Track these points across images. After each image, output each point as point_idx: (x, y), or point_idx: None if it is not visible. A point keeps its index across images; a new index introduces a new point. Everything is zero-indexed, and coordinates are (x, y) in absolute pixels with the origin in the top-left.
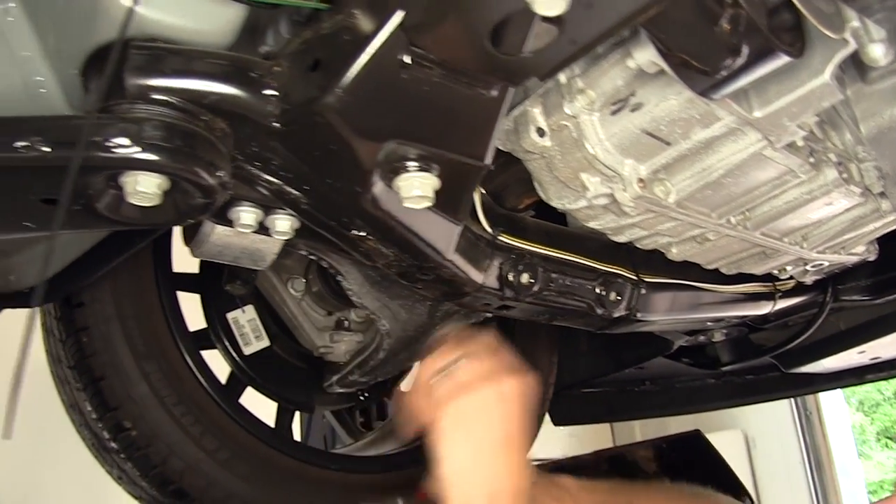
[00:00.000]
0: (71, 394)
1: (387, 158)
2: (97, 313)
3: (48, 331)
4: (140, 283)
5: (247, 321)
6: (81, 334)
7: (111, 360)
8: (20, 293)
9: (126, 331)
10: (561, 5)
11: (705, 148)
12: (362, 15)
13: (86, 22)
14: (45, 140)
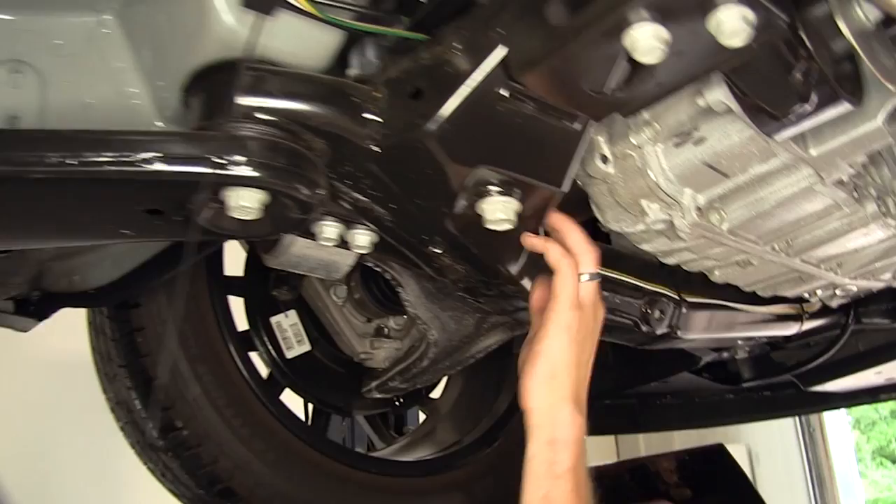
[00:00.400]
0: (119, 391)
1: (474, 182)
2: (153, 315)
3: (97, 328)
4: (194, 285)
5: (289, 325)
6: (136, 334)
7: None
8: (82, 293)
9: (180, 333)
10: (658, 55)
11: (760, 181)
12: (464, 49)
13: (190, 41)
14: (165, 156)
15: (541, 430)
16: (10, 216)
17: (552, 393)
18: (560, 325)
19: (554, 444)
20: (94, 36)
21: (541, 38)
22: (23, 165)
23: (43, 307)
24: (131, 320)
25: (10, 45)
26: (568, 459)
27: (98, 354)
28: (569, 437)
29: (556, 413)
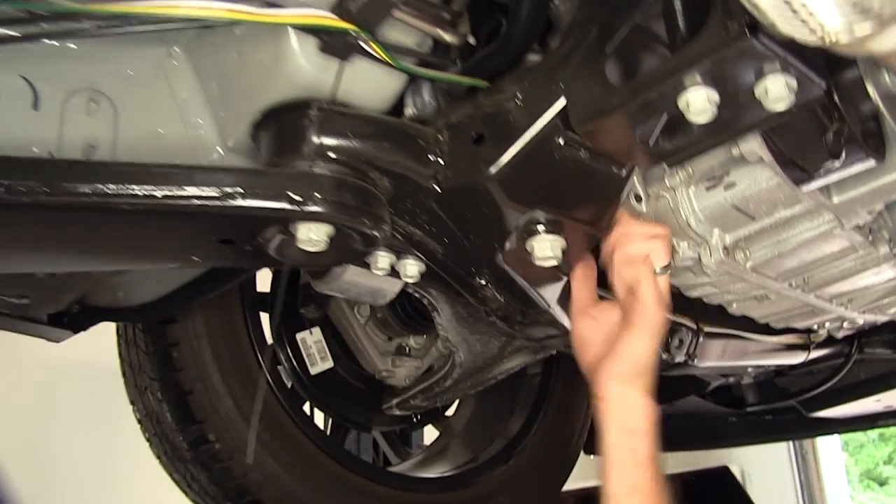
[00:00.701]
0: (150, 403)
1: (525, 222)
2: (189, 330)
3: (128, 340)
4: (228, 302)
5: (314, 342)
6: (172, 349)
7: (200, 376)
8: (126, 309)
9: (215, 348)
10: (709, 116)
11: (784, 224)
12: (526, 100)
13: (264, 80)
14: (246, 192)
15: (618, 419)
16: (94, 242)
17: (632, 388)
18: (646, 328)
19: (633, 433)
20: (163, 67)
21: (599, 93)
22: (112, 197)
23: (81, 320)
24: (167, 335)
25: (86, 74)
26: (648, 448)
27: (128, 366)
28: (646, 426)
29: (633, 403)
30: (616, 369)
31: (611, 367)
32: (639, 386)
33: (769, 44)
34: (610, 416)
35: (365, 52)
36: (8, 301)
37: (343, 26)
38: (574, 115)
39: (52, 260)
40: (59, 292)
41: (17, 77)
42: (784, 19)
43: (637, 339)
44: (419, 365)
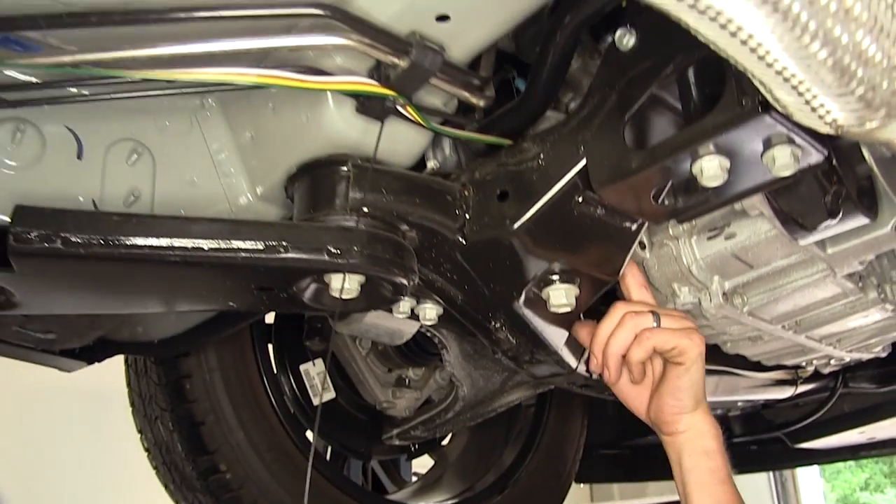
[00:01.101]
0: (160, 433)
1: (542, 272)
2: (201, 363)
3: (138, 371)
4: (239, 335)
5: (316, 374)
6: (184, 381)
7: (212, 408)
8: (144, 343)
9: (227, 380)
10: (720, 181)
11: (780, 272)
12: (548, 159)
13: (300, 135)
14: (289, 246)
15: (693, 443)
16: (140, 288)
17: (698, 413)
18: (692, 359)
19: (708, 453)
20: (197, 118)
21: (619, 157)
22: (162, 250)
23: (97, 352)
24: (180, 367)
25: (126, 126)
26: (724, 466)
27: (137, 396)
28: (717, 445)
29: (703, 427)
30: (680, 404)
31: (674, 403)
32: (702, 409)
33: (779, 119)
34: (686, 445)
35: (400, 114)
36: (34, 336)
37: (384, 92)
38: (594, 177)
39: (99, 303)
40: (88, 330)
41: (63, 128)
42: (802, 113)
43: (687, 370)
44: (418, 396)
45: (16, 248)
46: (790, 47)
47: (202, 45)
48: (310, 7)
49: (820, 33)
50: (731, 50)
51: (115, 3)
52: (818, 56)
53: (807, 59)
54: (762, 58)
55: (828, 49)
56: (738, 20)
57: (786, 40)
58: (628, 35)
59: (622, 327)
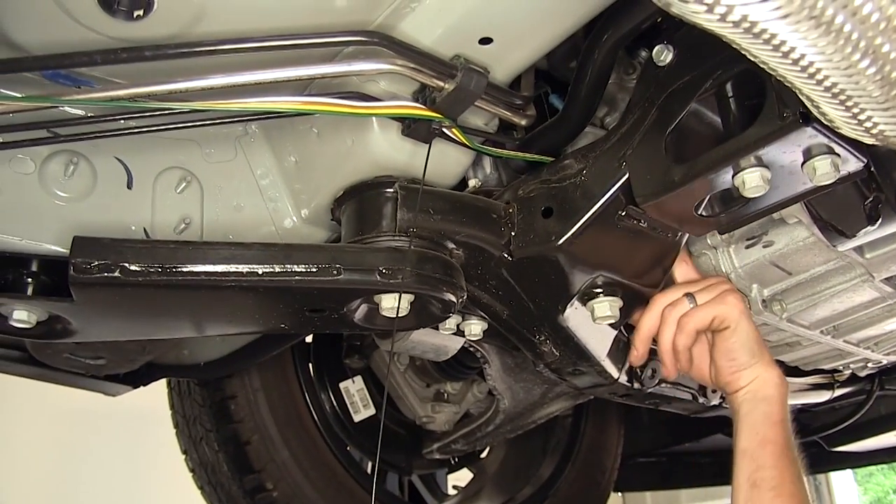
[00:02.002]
0: (205, 453)
1: (587, 285)
2: (245, 384)
3: (181, 393)
4: (280, 355)
5: (356, 391)
6: (229, 402)
7: (257, 427)
8: (190, 366)
9: (270, 400)
10: (762, 192)
11: (818, 278)
12: (592, 175)
13: (346, 159)
14: (342, 268)
15: (754, 393)
16: (195, 313)
17: (757, 366)
18: (736, 320)
19: (767, 399)
20: (241, 144)
21: (661, 172)
22: (217, 276)
23: (142, 375)
24: (224, 388)
25: (172, 154)
26: (781, 412)
27: (181, 417)
28: (778, 394)
29: (764, 376)
30: (736, 363)
31: (730, 364)
32: (764, 361)
33: (821, 130)
34: (748, 396)
35: (446, 136)
36: (84, 362)
37: (430, 115)
38: (637, 191)
39: (154, 329)
40: (138, 355)
41: (113, 159)
42: (849, 126)
43: (734, 332)
44: (457, 410)
45: (76, 278)
46: (840, 65)
47: (252, 75)
48: (356, 35)
49: (868, 50)
50: (780, 69)
51: (166, 36)
52: (867, 72)
53: (855, 75)
54: (812, 75)
55: (876, 65)
56: (789, 40)
57: (835, 58)
58: (666, 51)
59: (665, 323)
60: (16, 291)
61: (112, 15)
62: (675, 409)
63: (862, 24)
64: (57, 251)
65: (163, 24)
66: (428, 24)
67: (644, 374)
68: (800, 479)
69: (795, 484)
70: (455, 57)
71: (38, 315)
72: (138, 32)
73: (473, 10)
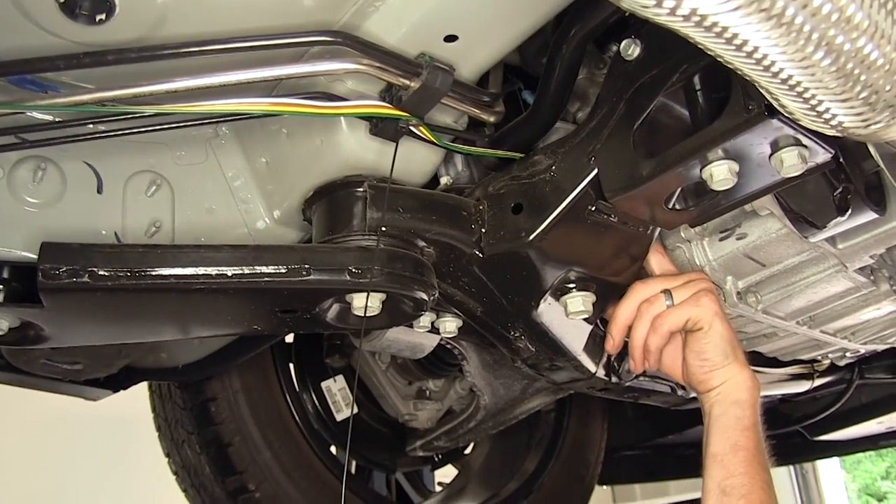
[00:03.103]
0: (187, 456)
1: (559, 281)
2: (226, 385)
3: (163, 396)
4: (260, 356)
5: (338, 390)
6: (210, 404)
7: (238, 428)
8: (168, 369)
9: (251, 401)
10: (730, 184)
11: (792, 270)
12: (561, 171)
13: (316, 159)
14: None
15: (726, 394)
16: (165, 318)
17: (730, 367)
18: (708, 321)
19: (738, 403)
20: (212, 146)
21: (630, 166)
22: (187, 279)
23: (122, 380)
24: (204, 390)
25: (142, 157)
26: (752, 416)
27: (163, 420)
28: (750, 397)
29: (737, 378)
30: (708, 363)
31: (702, 364)
32: (738, 362)
33: (786, 122)
34: (719, 397)
35: (414, 134)
36: (61, 367)
37: (397, 114)
38: (606, 186)
39: (126, 333)
40: (115, 359)
41: (82, 164)
42: (808, 118)
43: (706, 334)
44: (440, 407)
45: (45, 284)
46: (794, 57)
47: (218, 77)
48: (320, 35)
49: (822, 42)
50: (736, 62)
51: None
52: (821, 63)
53: (811, 67)
54: (767, 68)
55: (831, 57)
56: (741, 33)
57: (789, 51)
58: (633, 45)
59: (640, 318)
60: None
61: (74, 19)
62: (654, 402)
63: (814, 17)
64: (27, 257)
65: (126, 28)
66: (392, 23)
67: (622, 368)
68: (769, 486)
69: (765, 490)
70: (420, 55)
71: (9, 322)
72: (101, 37)
73: (437, 7)
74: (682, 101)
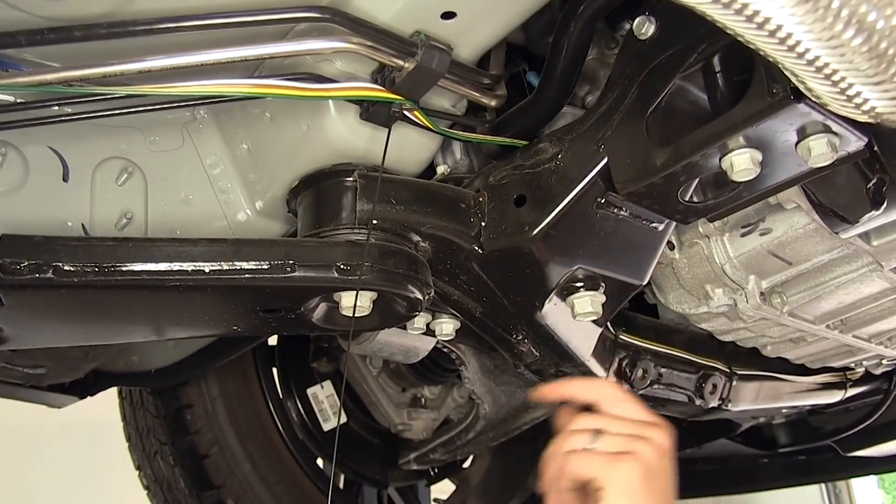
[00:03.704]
0: (160, 468)
1: (566, 279)
2: (202, 391)
3: (134, 403)
4: (241, 360)
5: (325, 397)
6: (185, 411)
7: (216, 439)
8: (140, 374)
9: (230, 409)
10: (752, 174)
11: (821, 268)
12: (567, 160)
13: (301, 146)
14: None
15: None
16: (137, 317)
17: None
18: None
19: None
20: (188, 130)
21: (643, 155)
22: (161, 275)
23: (89, 385)
24: (180, 397)
25: (113, 143)
26: None
27: (134, 430)
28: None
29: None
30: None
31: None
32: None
33: (814, 107)
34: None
35: (408, 119)
36: (22, 371)
37: (389, 97)
38: (617, 177)
39: (94, 334)
40: (81, 362)
41: (46, 149)
42: (837, 102)
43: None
44: (436, 417)
45: (4, 279)
46: (822, 36)
47: (195, 56)
48: (306, 11)
49: (853, 20)
50: (758, 42)
51: (99, 15)
52: (852, 43)
53: (840, 47)
54: (792, 48)
55: (862, 35)
56: (764, 10)
57: (816, 29)
58: (647, 23)
59: (558, 447)
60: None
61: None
62: (670, 412)
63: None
64: None
65: (94, 2)
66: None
67: (634, 375)
68: None
69: None
70: (415, 34)
71: None
72: (67, 10)
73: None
74: (700, 85)
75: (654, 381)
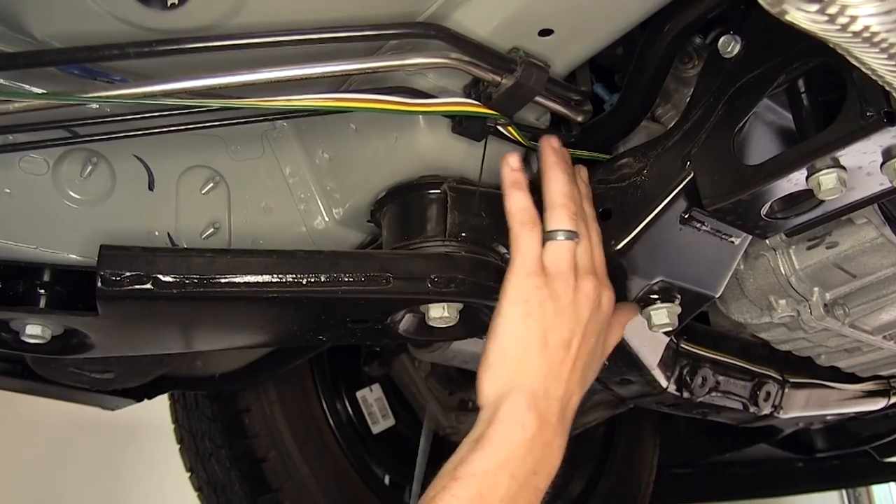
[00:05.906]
0: (214, 471)
1: (645, 291)
2: (261, 396)
3: (188, 406)
4: (298, 365)
5: (374, 400)
6: (243, 415)
7: (274, 443)
8: (204, 378)
9: (287, 413)
10: (838, 192)
11: (885, 281)
12: (652, 175)
13: (389, 158)
14: (392, 277)
15: (477, 425)
16: (229, 328)
17: (499, 382)
18: (513, 298)
19: (479, 441)
20: (268, 139)
21: (730, 173)
22: (258, 286)
23: (149, 388)
24: (237, 401)
25: (196, 151)
26: (481, 461)
27: (187, 432)
28: (502, 437)
29: (499, 406)
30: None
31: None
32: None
33: None
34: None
35: (500, 134)
36: (90, 376)
37: (487, 113)
38: (704, 193)
39: (182, 343)
40: (154, 367)
41: (132, 158)
42: None
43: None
44: None
45: (105, 291)
46: None
47: (296, 69)
48: (408, 27)
49: None
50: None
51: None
52: None
53: None
54: None
55: None
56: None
57: None
58: (733, 42)
59: None
60: (28, 304)
61: (146, 4)
62: (723, 418)
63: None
64: (72, 259)
65: (198, 15)
66: (484, 15)
67: (694, 383)
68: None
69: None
70: (513, 50)
71: (52, 329)
72: (171, 23)
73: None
74: (784, 103)
75: (713, 389)
